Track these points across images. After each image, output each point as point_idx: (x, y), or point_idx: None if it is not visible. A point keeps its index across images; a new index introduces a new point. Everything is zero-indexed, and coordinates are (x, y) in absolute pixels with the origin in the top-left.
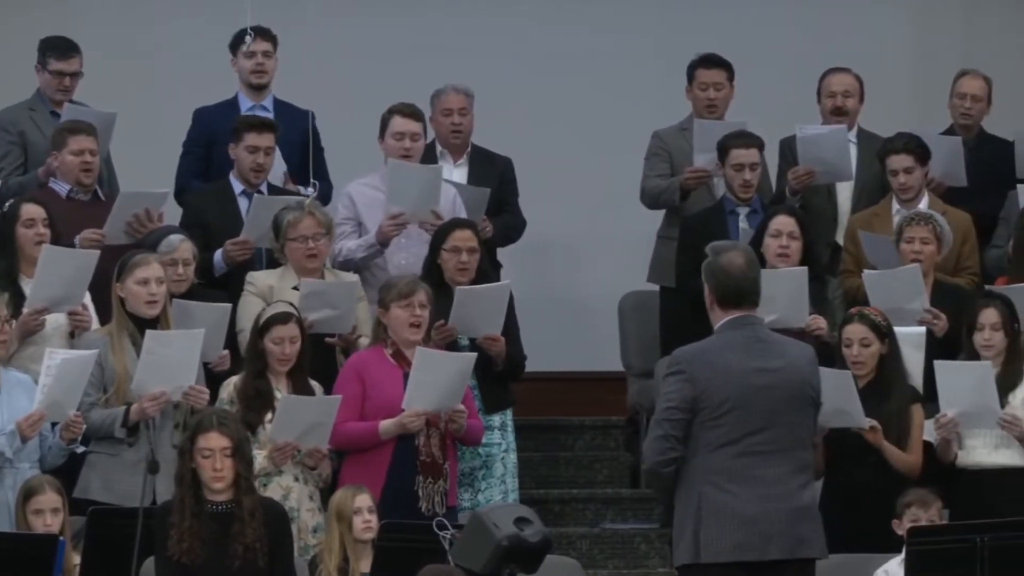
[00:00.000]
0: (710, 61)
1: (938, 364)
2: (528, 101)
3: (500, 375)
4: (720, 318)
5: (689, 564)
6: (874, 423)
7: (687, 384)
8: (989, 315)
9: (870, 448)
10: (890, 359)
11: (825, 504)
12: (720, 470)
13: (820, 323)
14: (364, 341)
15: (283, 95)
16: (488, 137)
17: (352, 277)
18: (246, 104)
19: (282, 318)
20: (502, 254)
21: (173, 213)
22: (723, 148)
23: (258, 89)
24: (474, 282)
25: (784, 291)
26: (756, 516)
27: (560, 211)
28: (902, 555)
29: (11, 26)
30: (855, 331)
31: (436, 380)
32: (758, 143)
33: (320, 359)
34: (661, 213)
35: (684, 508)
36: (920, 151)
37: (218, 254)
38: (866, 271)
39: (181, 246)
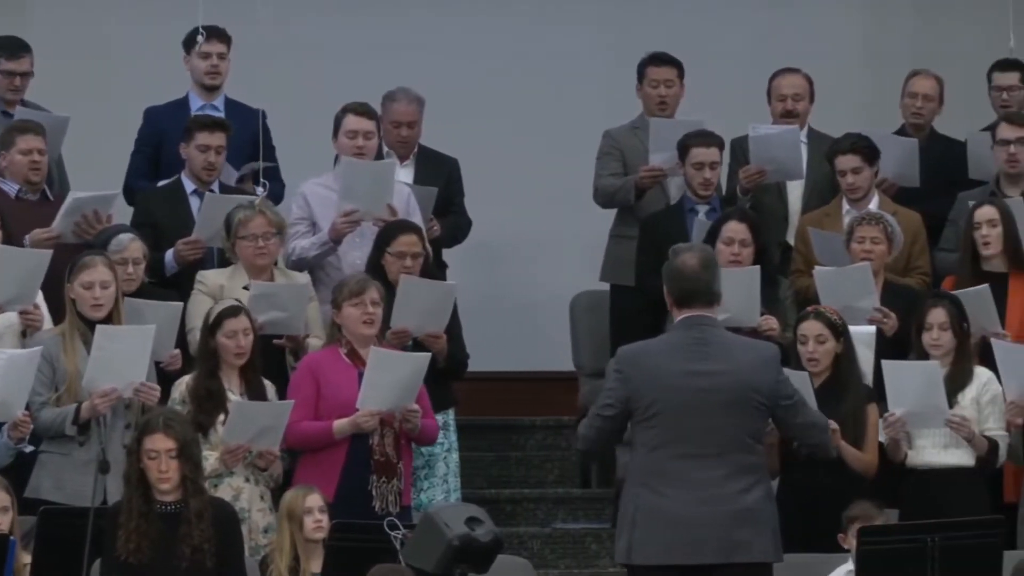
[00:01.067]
0: (660, 59)
1: (886, 364)
2: (476, 100)
3: (442, 374)
4: (676, 317)
5: (625, 564)
6: (832, 424)
7: (622, 384)
8: (937, 315)
9: None
10: (846, 358)
11: (781, 505)
12: (655, 472)
13: (772, 323)
14: (313, 341)
15: (235, 94)
16: (436, 137)
17: (303, 278)
18: (197, 103)
19: (232, 311)
20: (448, 254)
21: (125, 212)
22: (683, 146)
23: (211, 90)
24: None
25: (736, 291)
26: (688, 519)
27: (509, 211)
28: (849, 566)
29: None
30: (811, 328)
31: (390, 380)
32: (718, 142)
33: (270, 360)
34: (612, 213)
35: (623, 508)
36: (868, 151)
37: (169, 254)
38: (817, 268)
39: (131, 245)
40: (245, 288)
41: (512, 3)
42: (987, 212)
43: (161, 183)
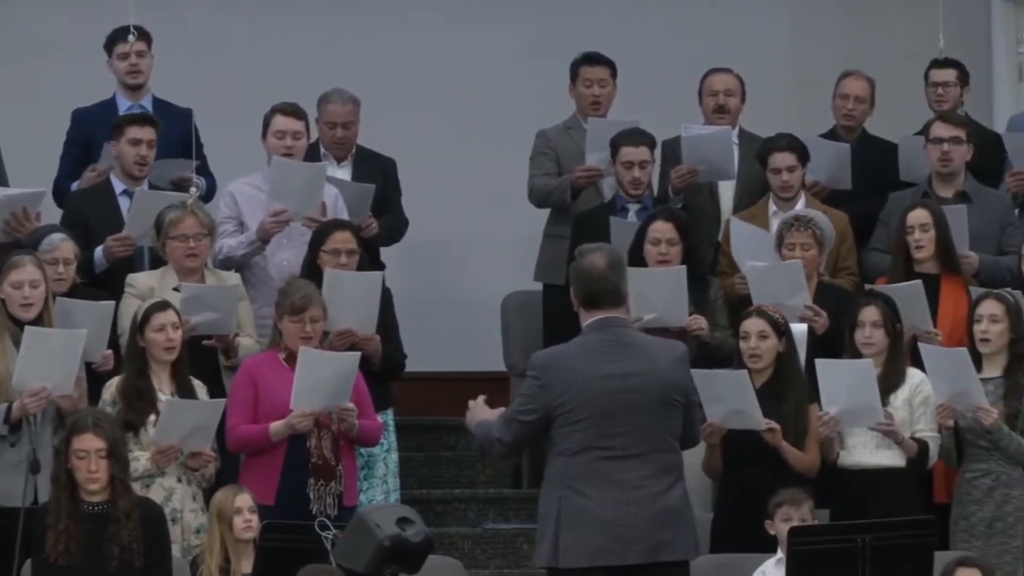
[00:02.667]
0: (594, 59)
1: (819, 362)
2: (411, 101)
3: (379, 375)
4: (586, 319)
5: (549, 568)
6: (772, 424)
7: (541, 391)
8: (870, 313)
9: (768, 448)
10: (788, 358)
11: (724, 505)
12: (579, 475)
13: (700, 323)
14: (244, 340)
15: (165, 93)
16: (371, 137)
17: (233, 279)
18: (124, 104)
19: (160, 306)
20: (385, 254)
21: (54, 214)
22: (614, 145)
23: (135, 89)
24: None
25: (662, 290)
26: (614, 520)
27: (443, 211)
28: (779, 555)
29: None
30: (753, 324)
31: (321, 380)
32: (649, 141)
33: (204, 361)
34: (544, 213)
35: (545, 511)
36: (802, 151)
37: (99, 251)
38: (748, 264)
39: (61, 245)
40: (175, 289)
41: (446, 4)
42: (919, 216)
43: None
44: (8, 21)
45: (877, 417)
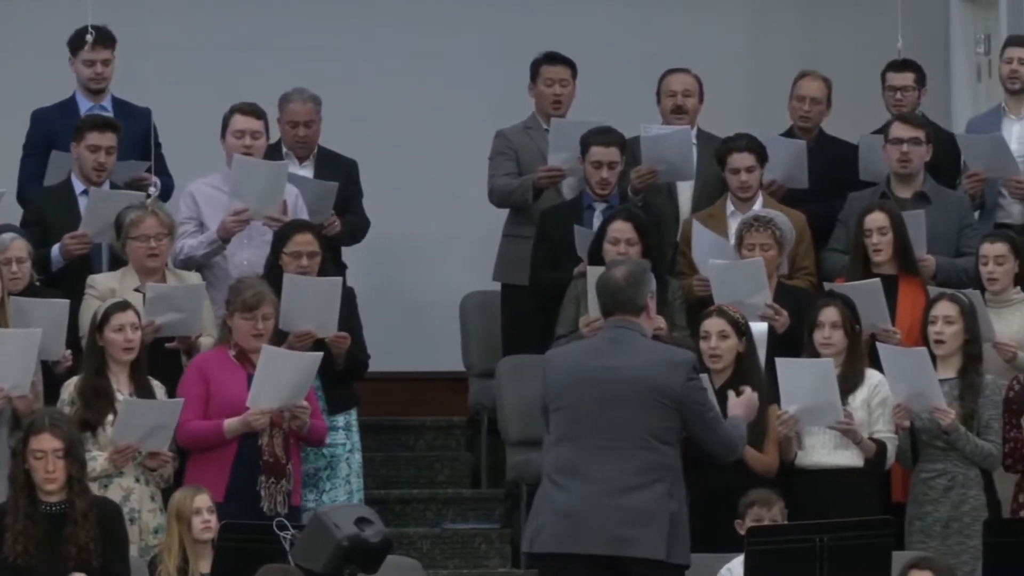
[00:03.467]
0: (554, 58)
1: (779, 361)
2: (372, 102)
3: (342, 375)
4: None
5: (527, 552)
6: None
7: (542, 384)
8: (829, 314)
9: None
10: (747, 358)
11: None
12: (557, 464)
13: (659, 323)
14: (205, 340)
15: (126, 92)
16: (332, 138)
17: (195, 279)
18: (85, 105)
19: (120, 306)
20: (347, 254)
21: (16, 214)
22: (584, 143)
23: (96, 92)
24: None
25: None
26: (578, 510)
27: (404, 212)
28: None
29: None
30: (713, 324)
31: (281, 379)
32: (619, 141)
33: (166, 361)
34: (504, 213)
35: (535, 499)
36: (761, 151)
37: (55, 248)
38: (710, 262)
39: (13, 244)
40: (136, 290)
41: (405, 5)
42: (877, 219)
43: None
44: None
45: (837, 416)
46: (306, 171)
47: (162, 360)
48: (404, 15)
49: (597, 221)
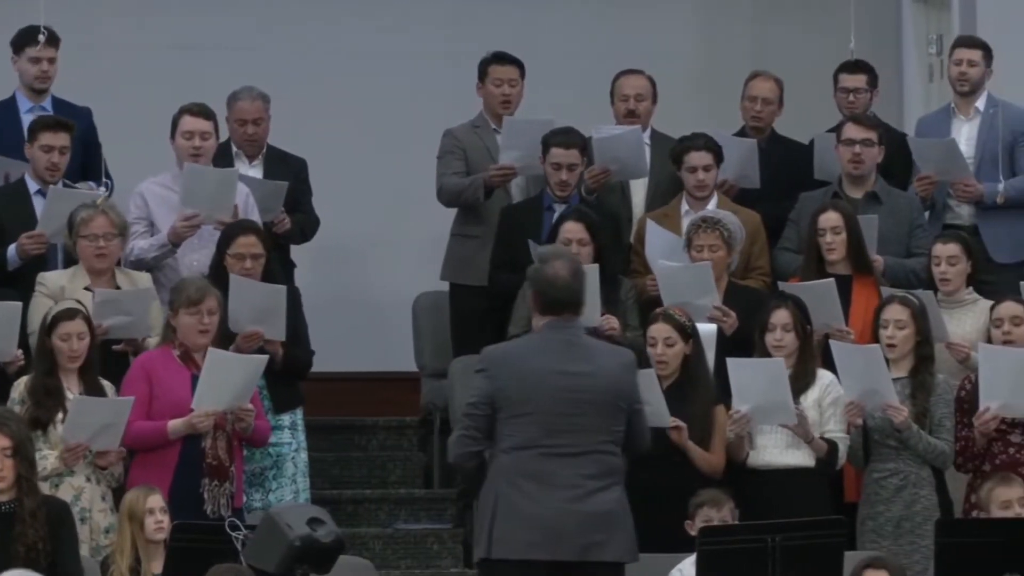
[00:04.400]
0: (503, 58)
1: (731, 361)
2: (321, 101)
3: (286, 374)
4: (540, 321)
5: (484, 559)
6: (678, 422)
7: (487, 382)
8: (780, 316)
9: (674, 448)
10: (694, 359)
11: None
12: (519, 470)
13: (612, 323)
14: (152, 341)
15: (68, 92)
16: (282, 137)
17: (145, 280)
18: (26, 105)
19: (68, 315)
20: (296, 253)
21: None
22: (545, 144)
23: (39, 92)
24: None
25: None
26: (548, 517)
27: (354, 211)
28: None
29: None
30: (659, 331)
31: (226, 381)
32: (580, 143)
33: (116, 361)
34: (454, 212)
35: (484, 504)
36: (718, 150)
37: (12, 248)
38: (658, 264)
39: None
40: (87, 289)
41: (355, 4)
42: (831, 219)
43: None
44: None
45: (789, 414)
46: (255, 170)
47: (111, 361)
48: (354, 14)
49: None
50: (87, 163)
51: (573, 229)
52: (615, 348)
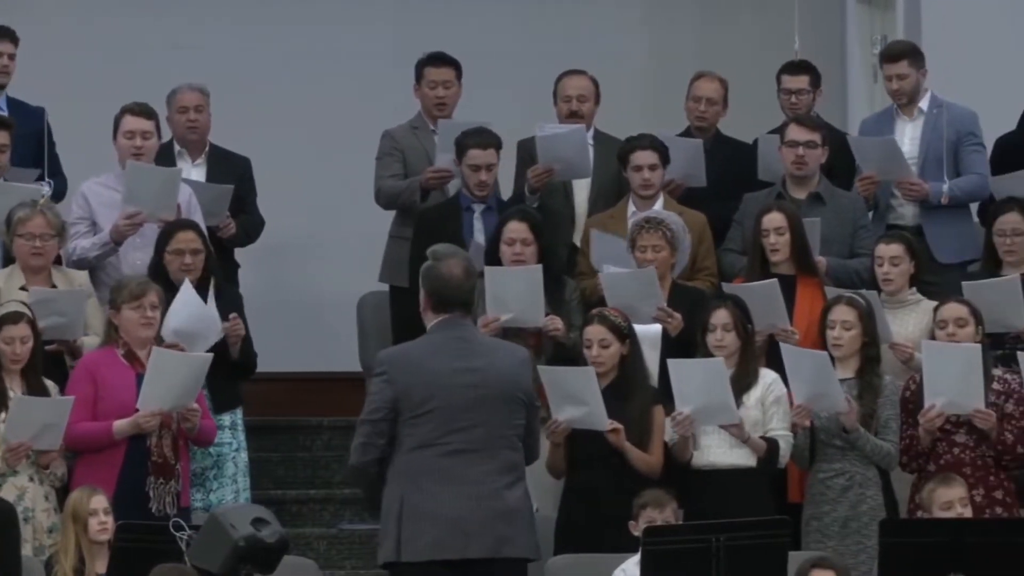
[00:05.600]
0: (438, 59)
1: (671, 362)
2: (265, 100)
3: (232, 371)
4: (431, 320)
5: (392, 562)
6: (616, 424)
7: (388, 386)
8: (720, 316)
9: (612, 449)
10: (631, 360)
11: (567, 505)
12: (422, 470)
13: (557, 323)
14: (89, 340)
15: (20, 90)
16: (225, 136)
17: (81, 279)
18: None
19: (12, 318)
20: (240, 254)
21: None
22: (461, 146)
23: None
24: (199, 281)
25: (519, 290)
26: (455, 515)
27: (298, 211)
28: (639, 555)
29: None
30: (594, 332)
31: (171, 380)
32: (496, 143)
33: (54, 360)
34: (394, 212)
35: (388, 507)
36: (664, 150)
37: None
38: (604, 270)
39: None
40: (22, 288)
41: (295, 4)
42: (774, 219)
43: None
44: None
45: (731, 414)
46: (199, 169)
47: (48, 359)
48: (295, 14)
49: (477, 222)
50: (39, 162)
51: (517, 229)
52: (510, 345)
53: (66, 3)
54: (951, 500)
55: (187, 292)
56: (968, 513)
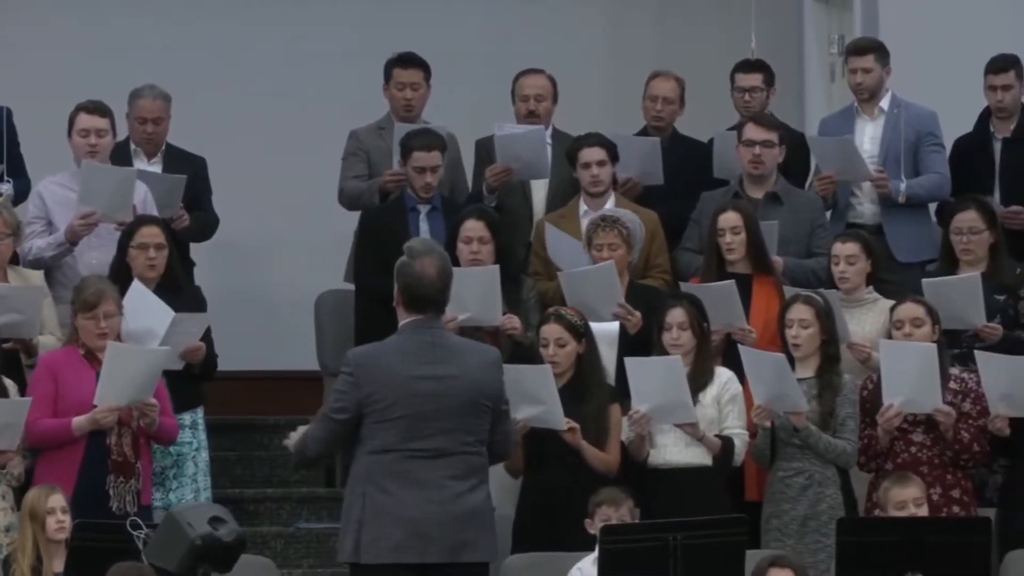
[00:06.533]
0: (407, 60)
1: (628, 361)
2: (223, 99)
3: (190, 374)
4: (404, 317)
5: (351, 563)
6: (572, 423)
7: (355, 388)
8: (676, 315)
9: (569, 448)
10: (588, 359)
11: (525, 504)
12: (385, 472)
13: (514, 322)
14: (45, 339)
15: None
16: (183, 136)
17: (37, 278)
18: None
19: None
20: (196, 252)
21: None
22: (405, 148)
23: None
24: (163, 280)
25: (476, 290)
26: (416, 519)
27: (256, 210)
28: (596, 553)
29: None
30: (551, 331)
31: (128, 374)
32: (439, 144)
33: (11, 358)
34: (357, 213)
35: (349, 507)
36: (612, 147)
37: None
38: (562, 271)
39: None
40: None
41: (257, 4)
42: (730, 219)
43: None
44: None
45: (688, 412)
46: (154, 168)
47: (4, 357)
48: (257, 14)
49: (423, 223)
50: (8, 162)
51: (474, 227)
52: (480, 346)
53: (27, 3)
54: (905, 500)
55: (134, 291)
56: (923, 512)
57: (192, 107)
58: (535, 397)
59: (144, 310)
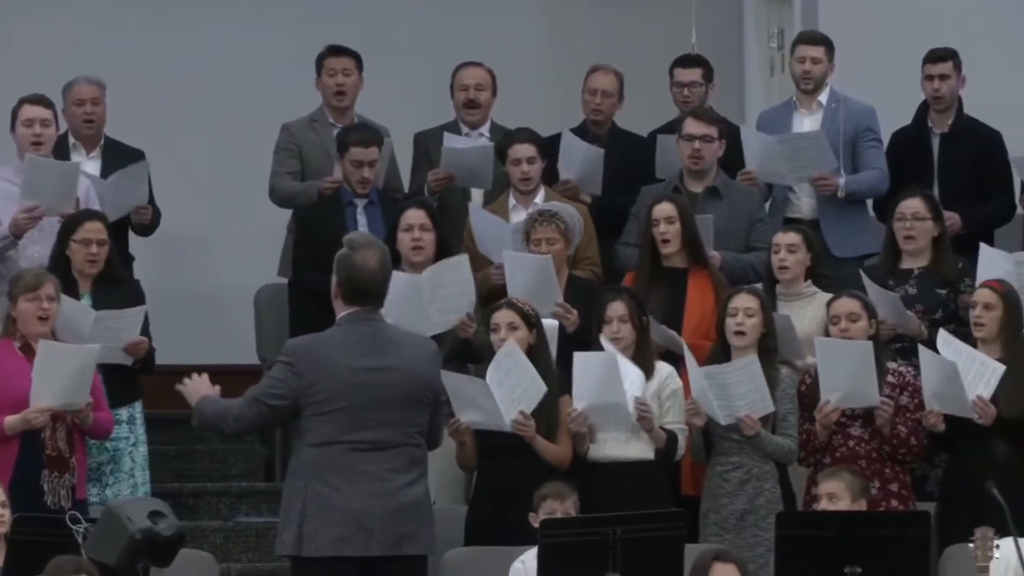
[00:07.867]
0: (337, 50)
1: (577, 355)
2: (161, 92)
3: (127, 369)
4: (342, 310)
5: (292, 556)
6: (526, 419)
7: (294, 377)
8: (616, 308)
9: (521, 441)
10: (538, 350)
11: (478, 498)
12: (327, 465)
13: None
14: None
15: None
16: (122, 130)
17: None
18: None
19: None
20: (135, 247)
21: None
22: (342, 143)
23: None
24: (103, 273)
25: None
26: (358, 512)
27: (194, 203)
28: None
29: None
30: (503, 316)
31: (60, 372)
32: (376, 140)
33: None
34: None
35: (290, 500)
36: (542, 144)
37: None
38: (505, 253)
39: None
40: None
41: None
42: (665, 209)
43: None
44: None
45: (624, 409)
46: (93, 162)
47: None
48: (193, 8)
49: (360, 217)
50: None
51: (415, 215)
52: (419, 338)
53: None
54: (834, 492)
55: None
56: (843, 507)
57: (131, 103)
58: (475, 403)
59: (67, 311)
